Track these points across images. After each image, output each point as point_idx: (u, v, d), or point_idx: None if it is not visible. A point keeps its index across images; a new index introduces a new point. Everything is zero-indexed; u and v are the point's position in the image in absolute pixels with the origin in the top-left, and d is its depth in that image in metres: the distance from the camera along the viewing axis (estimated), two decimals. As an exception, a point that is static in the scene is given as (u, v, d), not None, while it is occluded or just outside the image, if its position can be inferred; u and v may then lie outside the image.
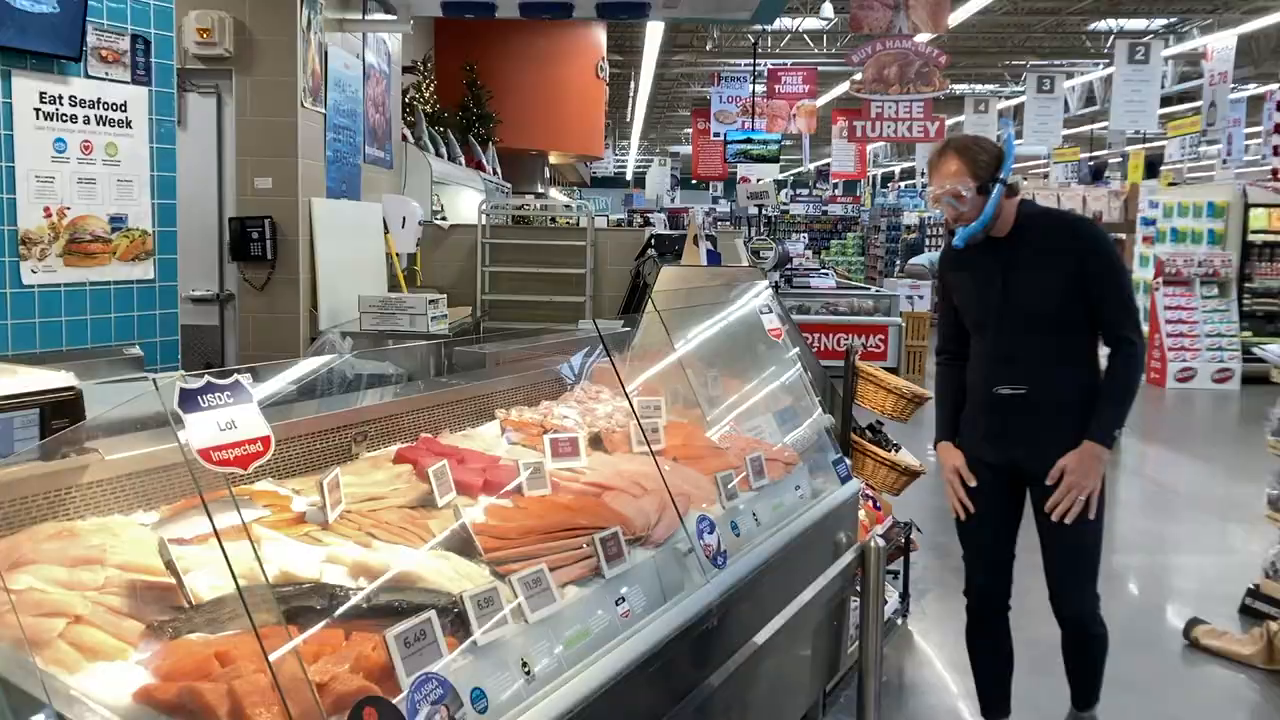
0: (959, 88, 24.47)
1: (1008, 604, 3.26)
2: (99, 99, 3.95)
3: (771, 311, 3.53)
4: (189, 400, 1.42)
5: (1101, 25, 19.71)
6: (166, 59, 4.22)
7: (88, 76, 3.91)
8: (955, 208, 3.00)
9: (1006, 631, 3.29)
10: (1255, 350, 5.71)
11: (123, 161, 4.06)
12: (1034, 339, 3.01)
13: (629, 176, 43.06)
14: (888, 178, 36.81)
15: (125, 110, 4.04)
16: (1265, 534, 5.10)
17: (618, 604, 1.98)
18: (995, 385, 3.05)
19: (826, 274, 12.89)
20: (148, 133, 4.15)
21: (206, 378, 1.43)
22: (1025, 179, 23.72)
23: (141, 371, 3.81)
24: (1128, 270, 3.10)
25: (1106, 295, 2.96)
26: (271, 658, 1.42)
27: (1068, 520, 2.94)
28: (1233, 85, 16.17)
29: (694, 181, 28.07)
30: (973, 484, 3.15)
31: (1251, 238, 12.79)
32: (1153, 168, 17.81)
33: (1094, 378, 3.03)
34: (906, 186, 33.41)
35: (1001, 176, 2.95)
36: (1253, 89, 19.64)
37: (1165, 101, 19.45)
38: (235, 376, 1.46)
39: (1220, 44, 15.51)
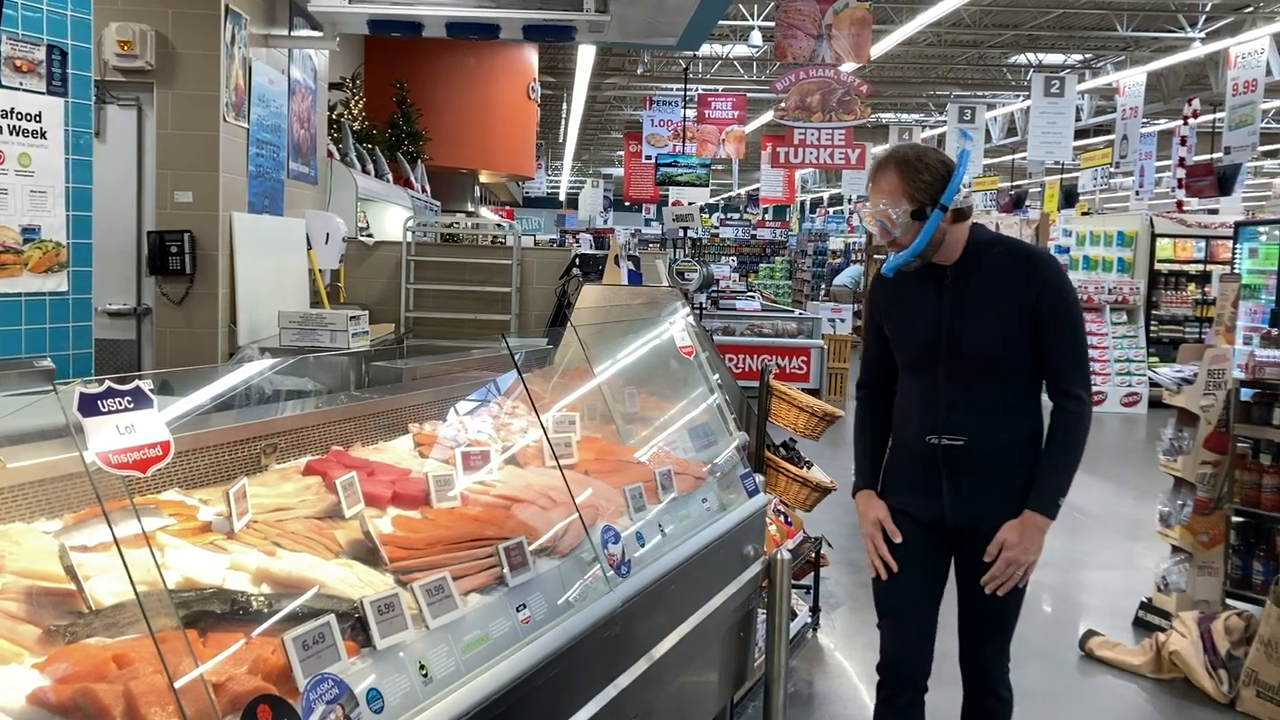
0: (885, 116, 25.01)
1: (925, 685, 2.85)
2: (12, 109, 3.91)
3: (685, 330, 3.62)
4: (89, 405, 1.45)
5: (1021, 59, 20.32)
6: (84, 70, 4.19)
7: (1, 86, 3.87)
8: (887, 230, 2.66)
9: (920, 717, 2.87)
10: (1151, 374, 5.96)
11: (36, 172, 4.02)
12: (978, 384, 2.68)
13: (562, 197, 43.13)
14: (816, 203, 37.41)
15: (40, 121, 4.01)
16: (1160, 550, 5.31)
17: (519, 610, 2.03)
18: (929, 433, 2.72)
19: (752, 297, 13.10)
20: (63, 144, 4.11)
21: (107, 383, 1.46)
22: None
23: (51, 384, 3.77)
24: (1084, 318, 2.78)
25: (1059, 341, 2.65)
26: (168, 660, 1.45)
27: (1000, 593, 2.67)
28: (1144, 120, 16.78)
29: (627, 203, 28.24)
30: (897, 540, 2.79)
31: (1158, 267, 13.32)
32: (1071, 197, 18.41)
33: (1039, 433, 2.71)
34: (834, 212, 33.96)
35: (943, 202, 2.60)
36: (1163, 124, 20.39)
37: (1082, 134, 20.13)
38: (136, 383, 1.49)
39: (1131, 80, 16.10)
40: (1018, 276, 2.64)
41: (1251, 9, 14.80)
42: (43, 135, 4.03)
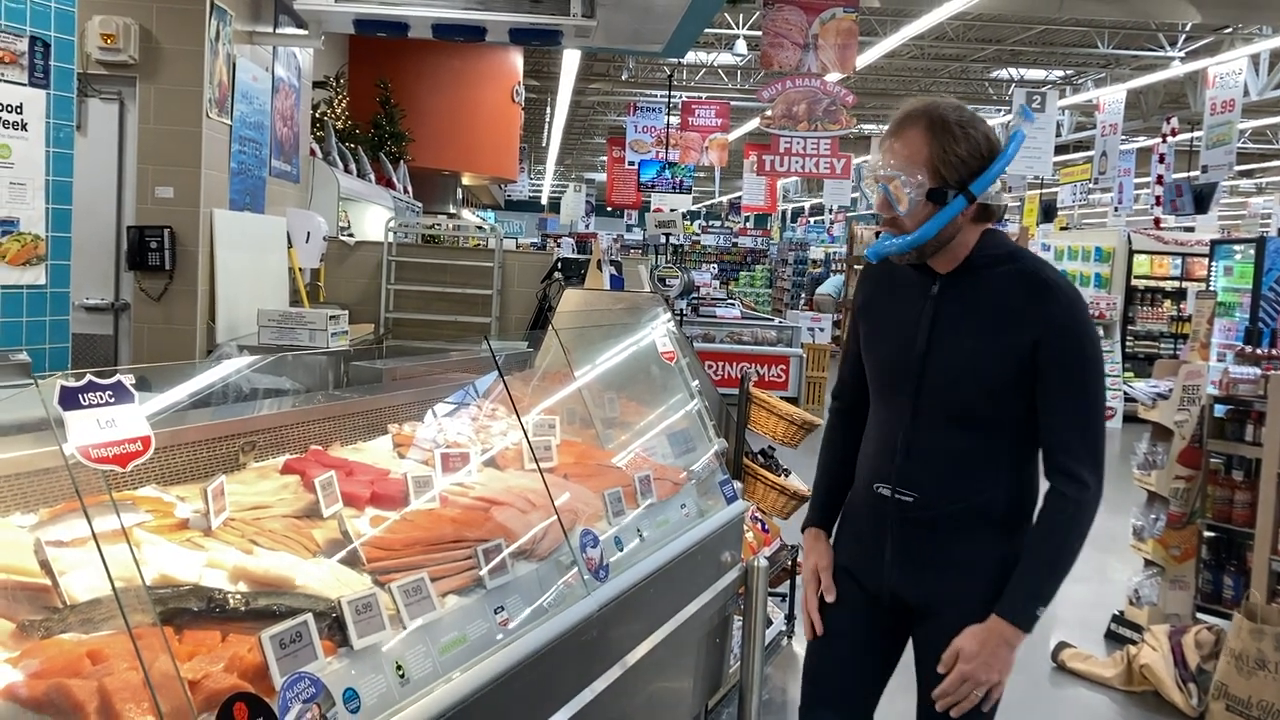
0: (868, 128, 25.10)
1: None
2: (-7, 100, 3.88)
3: (666, 336, 3.63)
4: (70, 399, 1.44)
5: (1003, 74, 20.48)
6: (67, 63, 4.16)
7: (-18, 77, 3.84)
8: (888, 203, 2.06)
9: None
10: (1126, 389, 6.01)
11: (16, 164, 3.99)
12: (944, 431, 2.11)
13: (544, 201, 43.10)
14: (797, 213, 37.51)
15: (21, 112, 3.98)
16: (1133, 563, 5.36)
17: (497, 613, 2.03)
18: (877, 480, 2.19)
19: (732, 304, 13.13)
20: (44, 136, 4.08)
21: (88, 377, 1.46)
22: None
23: (28, 378, 3.73)
24: (1103, 376, 2.10)
25: (1060, 403, 2.04)
26: (144, 656, 1.44)
27: (954, 715, 2.09)
28: (1123, 137, 16.95)
29: (609, 209, 28.26)
30: (830, 598, 2.31)
31: (1135, 282, 13.45)
32: (1050, 212, 18.57)
33: (1023, 502, 2.14)
34: (815, 222, 34.11)
35: (973, 189, 2.03)
36: (1142, 141, 20.58)
37: (1062, 149, 20.30)
38: (118, 377, 1.48)
39: (1111, 98, 16.26)
40: (1020, 307, 2.04)
41: (1230, 30, 14.97)
42: (23, 127, 4.00)
